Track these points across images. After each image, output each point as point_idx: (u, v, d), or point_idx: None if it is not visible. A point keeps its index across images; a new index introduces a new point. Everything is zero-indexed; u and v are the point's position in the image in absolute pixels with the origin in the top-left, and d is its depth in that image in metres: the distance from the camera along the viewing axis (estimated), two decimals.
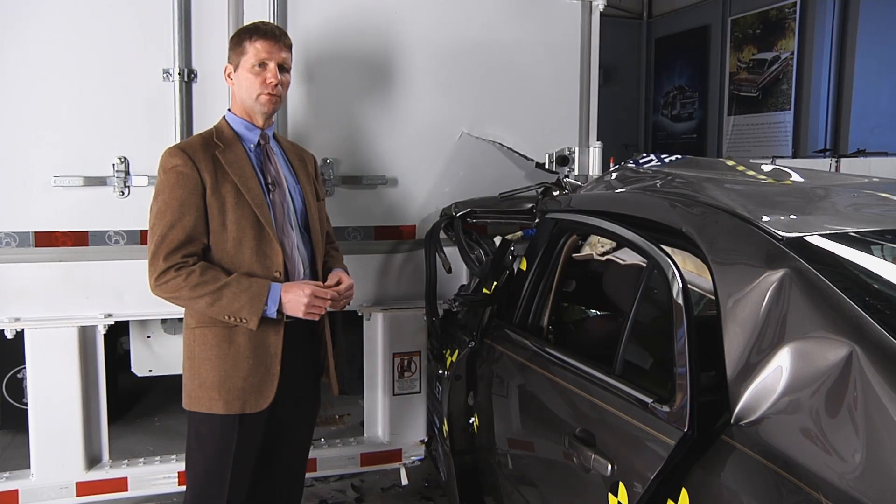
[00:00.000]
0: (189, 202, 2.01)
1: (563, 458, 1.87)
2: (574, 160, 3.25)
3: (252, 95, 2.12)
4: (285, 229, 2.13)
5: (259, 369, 2.07)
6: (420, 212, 3.09)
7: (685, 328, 1.53)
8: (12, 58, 2.57)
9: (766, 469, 1.31)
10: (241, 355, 2.05)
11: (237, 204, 2.04)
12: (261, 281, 2.02)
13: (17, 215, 2.62)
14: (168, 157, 2.05)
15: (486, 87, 3.13)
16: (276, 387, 2.09)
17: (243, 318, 1.99)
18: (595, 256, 2.50)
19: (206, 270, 2.00)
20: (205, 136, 2.14)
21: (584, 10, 3.23)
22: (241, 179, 2.05)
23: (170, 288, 1.99)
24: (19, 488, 2.72)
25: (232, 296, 1.98)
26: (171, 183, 2.02)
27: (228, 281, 1.99)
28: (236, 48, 2.15)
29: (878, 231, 1.71)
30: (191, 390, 2.09)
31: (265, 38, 2.12)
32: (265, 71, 2.12)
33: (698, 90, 8.35)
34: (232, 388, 2.05)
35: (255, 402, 2.07)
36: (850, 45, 6.48)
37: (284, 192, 2.16)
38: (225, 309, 1.99)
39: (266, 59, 2.12)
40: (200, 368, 2.07)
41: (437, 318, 2.92)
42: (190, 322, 2.11)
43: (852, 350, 1.26)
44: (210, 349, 2.06)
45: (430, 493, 3.42)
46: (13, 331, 2.65)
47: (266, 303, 2.00)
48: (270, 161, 2.17)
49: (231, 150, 2.09)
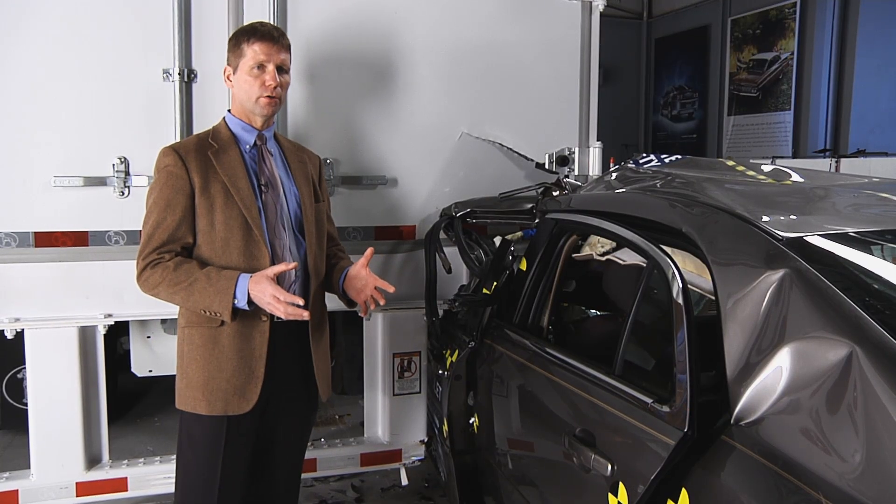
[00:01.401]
0: (175, 202, 2.02)
1: (563, 459, 1.87)
2: (574, 160, 3.25)
3: (251, 98, 2.11)
4: (277, 230, 2.12)
5: (243, 371, 2.06)
6: (420, 212, 3.09)
7: (685, 328, 1.53)
8: (13, 58, 2.56)
9: (766, 469, 1.31)
10: (224, 356, 2.05)
11: (226, 204, 2.04)
12: (229, 273, 1.99)
13: (17, 215, 2.62)
14: (161, 157, 2.07)
15: (486, 86, 3.13)
16: (259, 389, 2.07)
17: (216, 312, 1.99)
18: (595, 256, 2.50)
19: (180, 265, 2.00)
20: (201, 137, 2.14)
21: (584, 10, 3.23)
22: (230, 180, 2.05)
23: (149, 284, 2.01)
24: (19, 488, 2.72)
25: (202, 290, 1.98)
26: (160, 182, 2.04)
27: (198, 276, 1.99)
28: (234, 50, 2.14)
29: (878, 231, 1.71)
30: (179, 389, 2.11)
31: (263, 39, 2.11)
32: (264, 73, 2.11)
33: (698, 90, 8.35)
34: (215, 389, 2.05)
35: (238, 405, 2.06)
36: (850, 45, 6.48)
37: (278, 193, 2.15)
38: (198, 303, 1.99)
39: (264, 62, 2.11)
40: (188, 368, 2.08)
41: (437, 318, 2.92)
42: (181, 321, 2.12)
43: (852, 350, 1.26)
44: (196, 349, 2.07)
45: (430, 493, 3.42)
46: (13, 331, 2.65)
47: (234, 295, 1.97)
48: (265, 162, 2.16)
49: (225, 152, 2.09)
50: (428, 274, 2.93)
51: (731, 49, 7.74)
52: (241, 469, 2.12)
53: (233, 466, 2.09)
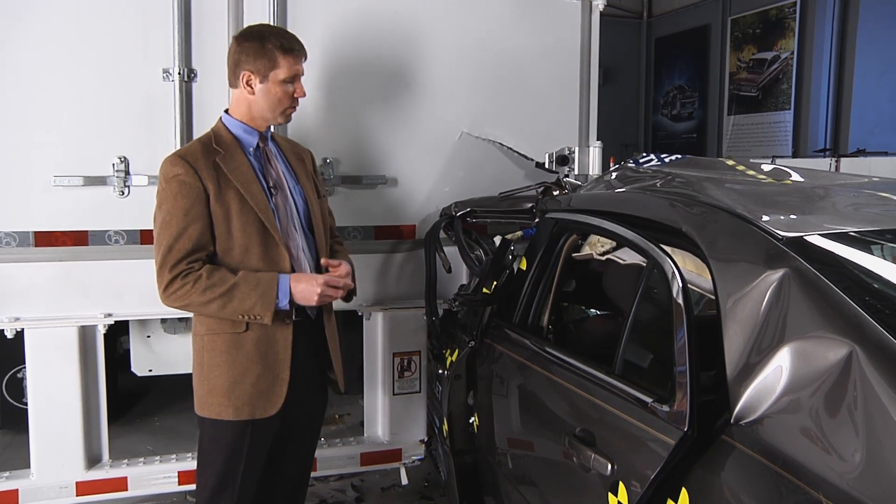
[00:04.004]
0: (194, 211, 1.99)
1: (563, 458, 1.87)
2: (574, 160, 3.25)
3: (278, 109, 2.13)
4: (290, 232, 2.12)
5: (268, 375, 2.07)
6: (420, 212, 3.09)
7: (685, 328, 1.53)
8: (13, 58, 2.57)
9: (766, 469, 1.31)
10: (249, 361, 2.05)
11: (241, 210, 2.03)
12: (269, 275, 2.02)
13: (17, 215, 2.62)
14: (169, 166, 2.02)
15: (486, 86, 3.13)
16: (285, 392, 2.09)
17: (257, 315, 1.99)
18: (595, 256, 2.50)
19: (213, 273, 1.99)
20: (204, 143, 2.10)
21: (584, 9, 3.23)
22: (243, 186, 2.04)
23: (179, 297, 1.98)
24: (19, 488, 2.72)
25: (242, 295, 1.98)
26: (173, 192, 2.00)
27: (237, 281, 1.98)
28: (263, 58, 2.08)
29: (878, 231, 1.71)
30: (201, 396, 2.10)
31: (295, 53, 2.12)
32: (295, 85, 2.13)
33: (698, 90, 8.35)
34: (241, 394, 2.05)
35: (264, 408, 2.07)
36: (850, 45, 6.47)
37: (286, 194, 2.15)
38: (237, 309, 1.99)
39: (298, 73, 2.13)
40: (210, 375, 2.07)
41: (437, 318, 2.92)
42: (199, 329, 2.10)
43: (852, 350, 1.26)
44: (219, 355, 2.06)
45: (430, 492, 3.42)
46: (13, 330, 2.65)
47: (277, 296, 1.99)
48: (271, 164, 2.16)
49: (231, 156, 2.07)
50: (428, 273, 2.93)
51: (731, 48, 7.73)
52: (260, 469, 2.14)
53: (253, 469, 2.10)
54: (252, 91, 2.11)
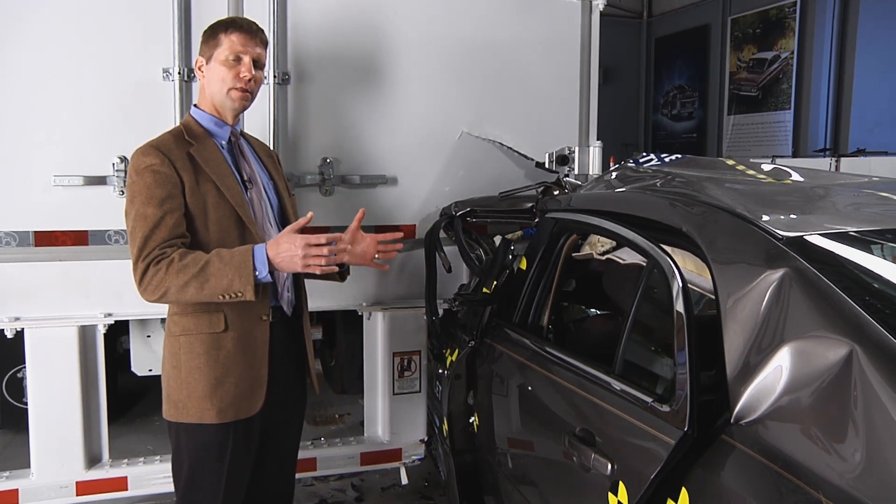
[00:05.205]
0: (169, 202, 1.91)
1: (563, 458, 1.87)
2: (574, 159, 3.24)
3: (223, 89, 2.05)
4: (265, 227, 2.08)
5: (249, 373, 2.02)
6: (420, 211, 3.09)
7: (685, 328, 1.53)
8: (12, 58, 2.56)
9: (766, 469, 1.31)
10: (230, 360, 1.99)
11: (217, 204, 1.97)
12: (243, 247, 1.91)
13: (16, 215, 2.62)
14: (141, 157, 1.94)
15: (486, 86, 3.13)
16: (265, 389, 2.05)
17: (238, 292, 1.87)
18: (595, 256, 2.50)
19: (185, 255, 1.88)
20: (175, 134, 2.04)
21: (584, 9, 3.23)
22: (219, 178, 1.98)
23: (155, 285, 1.87)
24: (19, 488, 2.73)
25: (218, 271, 1.86)
26: (147, 183, 1.91)
27: (209, 258, 1.88)
28: (210, 40, 2.07)
29: (878, 230, 1.71)
30: (178, 401, 2.00)
31: (241, 31, 2.05)
32: (239, 64, 2.04)
33: (698, 90, 8.35)
34: (224, 395, 1.99)
35: (248, 407, 2.03)
36: (850, 45, 6.47)
37: (260, 188, 2.12)
38: (216, 287, 1.86)
39: (241, 53, 2.04)
40: (189, 378, 1.98)
41: (437, 318, 2.92)
42: (174, 329, 2.03)
43: (852, 350, 1.26)
44: (198, 357, 1.98)
45: (430, 492, 3.43)
46: (13, 330, 2.65)
47: (255, 267, 1.87)
48: (244, 158, 2.12)
49: (204, 148, 2.02)
50: (428, 273, 2.92)
51: (731, 48, 7.74)
52: (246, 472, 2.09)
53: (237, 472, 2.06)
54: (203, 75, 2.10)
